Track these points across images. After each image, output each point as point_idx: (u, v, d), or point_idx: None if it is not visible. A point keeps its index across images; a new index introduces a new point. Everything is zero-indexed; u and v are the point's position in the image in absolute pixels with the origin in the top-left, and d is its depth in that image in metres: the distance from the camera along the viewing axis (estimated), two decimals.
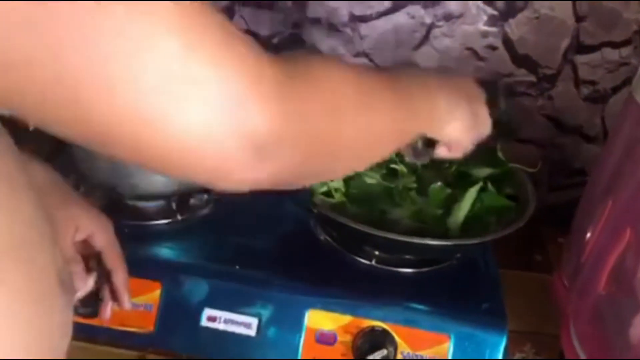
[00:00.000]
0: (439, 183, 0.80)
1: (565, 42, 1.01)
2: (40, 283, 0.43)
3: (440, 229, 0.76)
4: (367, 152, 0.47)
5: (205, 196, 0.87)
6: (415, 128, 0.54)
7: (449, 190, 0.80)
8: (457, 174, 0.84)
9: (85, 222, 0.63)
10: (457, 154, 0.65)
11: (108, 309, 0.67)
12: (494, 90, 0.79)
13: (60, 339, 0.47)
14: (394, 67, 0.95)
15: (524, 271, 0.97)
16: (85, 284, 0.63)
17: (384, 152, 0.49)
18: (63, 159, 0.85)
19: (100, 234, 0.65)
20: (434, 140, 0.64)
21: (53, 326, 0.45)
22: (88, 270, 0.64)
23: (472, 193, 0.78)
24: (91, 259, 0.65)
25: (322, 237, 0.84)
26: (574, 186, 1.11)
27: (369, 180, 0.79)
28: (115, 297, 0.67)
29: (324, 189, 0.80)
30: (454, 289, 0.79)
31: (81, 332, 0.67)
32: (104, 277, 0.66)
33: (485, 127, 0.64)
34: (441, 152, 0.65)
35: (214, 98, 0.33)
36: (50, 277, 0.45)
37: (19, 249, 0.41)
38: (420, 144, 0.69)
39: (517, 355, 0.83)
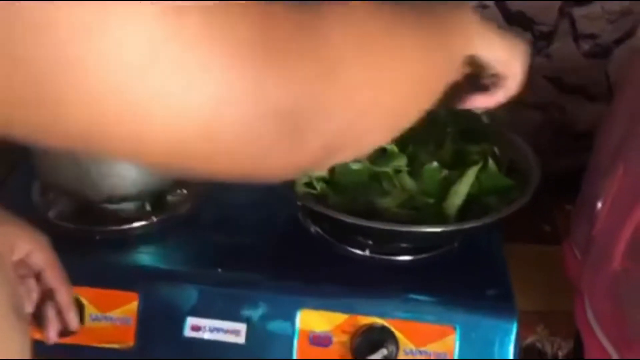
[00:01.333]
0: (435, 163, 0.75)
1: None
2: None
3: (435, 213, 0.71)
4: (414, 97, 0.40)
5: (184, 191, 0.83)
6: (459, 49, 0.46)
7: (445, 172, 0.74)
8: (454, 153, 0.79)
9: (21, 241, 0.60)
10: (508, 92, 0.57)
11: (53, 331, 0.64)
12: None
13: None
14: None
15: (533, 244, 0.95)
16: (28, 306, 0.61)
17: (433, 90, 0.42)
18: (26, 169, 0.84)
19: (38, 252, 0.62)
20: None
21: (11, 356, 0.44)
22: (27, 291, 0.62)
23: (471, 174, 0.73)
24: (29, 279, 0.62)
25: (312, 230, 0.80)
26: (579, 150, 1.05)
27: (354, 166, 0.74)
28: (61, 318, 0.64)
29: (306, 179, 0.75)
30: (456, 276, 0.75)
31: (56, 352, 0.64)
32: (46, 297, 0.63)
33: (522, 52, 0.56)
34: (479, 100, 0.58)
35: (219, 60, 0.27)
36: (2, 307, 0.43)
37: None
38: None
39: (530, 339, 0.79)
